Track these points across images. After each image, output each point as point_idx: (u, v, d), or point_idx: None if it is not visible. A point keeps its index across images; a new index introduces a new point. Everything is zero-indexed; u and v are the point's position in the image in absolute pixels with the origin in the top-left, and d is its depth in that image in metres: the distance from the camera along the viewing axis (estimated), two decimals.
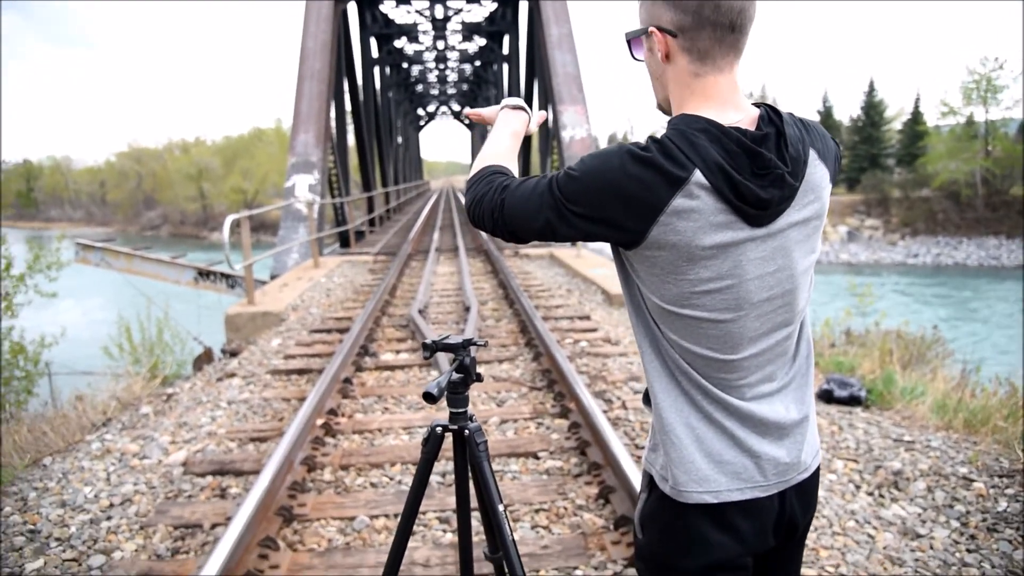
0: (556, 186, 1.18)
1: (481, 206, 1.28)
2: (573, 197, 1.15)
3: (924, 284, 31.81)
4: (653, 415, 1.27)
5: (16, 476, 4.15)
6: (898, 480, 3.62)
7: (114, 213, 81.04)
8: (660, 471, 1.26)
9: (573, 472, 3.77)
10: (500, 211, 1.24)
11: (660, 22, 1.19)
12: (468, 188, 1.33)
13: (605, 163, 1.13)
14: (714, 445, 1.22)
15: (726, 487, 1.22)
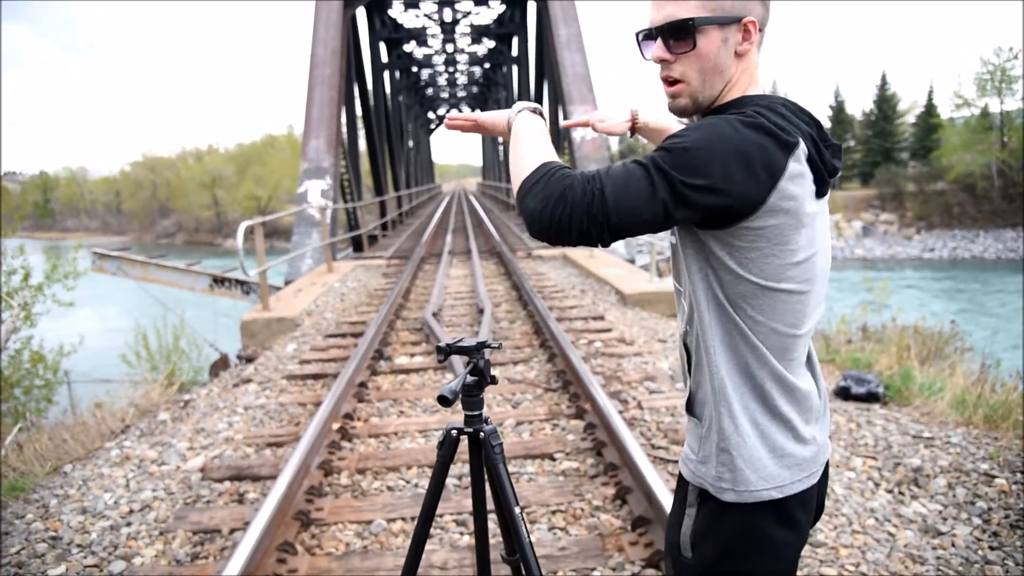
0: (663, 165, 1.10)
1: (565, 205, 1.11)
2: (692, 170, 1.08)
3: (941, 278, 31.53)
4: (708, 422, 1.26)
5: (37, 483, 4.19)
6: (918, 477, 3.59)
7: (129, 222, 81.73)
8: (715, 481, 1.24)
9: (589, 473, 3.76)
10: (602, 204, 1.10)
11: (753, 14, 1.21)
12: (527, 191, 1.14)
13: (716, 130, 1.11)
14: (777, 439, 1.24)
15: (789, 480, 1.23)
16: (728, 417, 1.23)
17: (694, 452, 1.29)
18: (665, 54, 1.22)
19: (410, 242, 18.06)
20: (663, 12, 1.21)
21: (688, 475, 1.30)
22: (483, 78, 44.63)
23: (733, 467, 1.22)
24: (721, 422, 1.23)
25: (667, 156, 1.10)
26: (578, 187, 1.10)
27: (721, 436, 1.23)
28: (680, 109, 1.27)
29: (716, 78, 1.22)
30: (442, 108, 62.86)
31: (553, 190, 1.11)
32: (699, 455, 1.27)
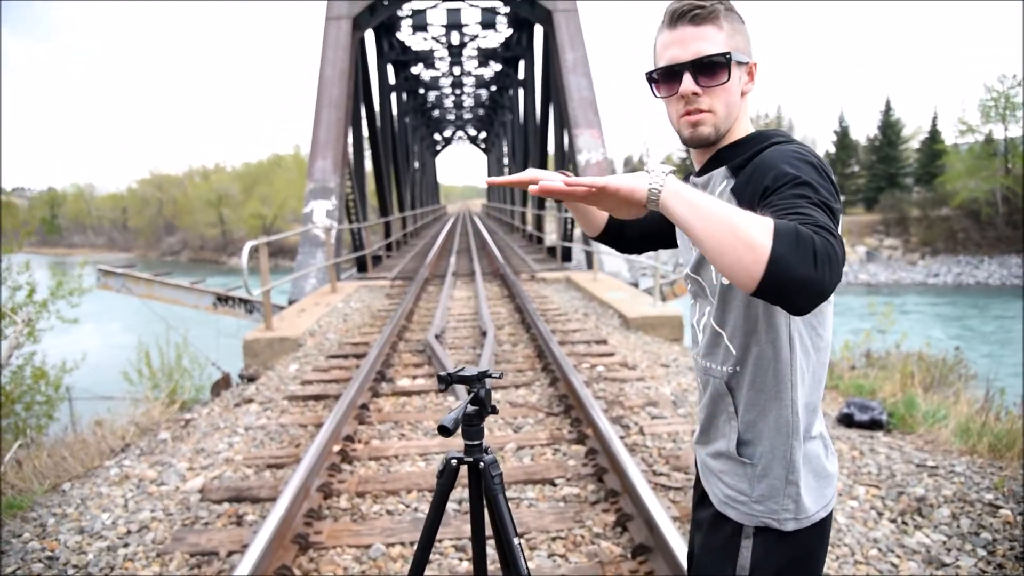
0: (826, 199, 1.10)
1: (831, 261, 1.00)
2: (833, 197, 1.14)
3: (945, 304, 31.44)
4: (766, 460, 1.29)
5: (36, 501, 4.18)
6: (921, 507, 3.56)
7: (135, 239, 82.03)
8: (777, 515, 1.29)
9: (590, 499, 3.74)
10: (841, 252, 1.04)
11: (754, 59, 1.35)
12: (783, 259, 0.97)
13: (809, 160, 1.19)
14: (821, 459, 1.33)
15: (831, 497, 1.33)
16: (799, 449, 1.28)
17: (746, 494, 1.31)
18: (696, 87, 1.26)
19: (414, 263, 18.09)
20: (691, 49, 1.26)
21: (742, 517, 1.32)
22: (489, 101, 44.88)
23: (798, 498, 1.28)
24: (791, 455, 1.28)
25: (815, 190, 1.10)
26: (829, 238, 1.01)
27: (790, 469, 1.28)
28: (702, 138, 1.30)
29: (735, 111, 1.30)
30: (448, 130, 63.19)
31: (815, 249, 0.98)
32: (754, 495, 1.30)
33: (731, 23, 1.29)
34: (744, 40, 1.31)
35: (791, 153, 1.18)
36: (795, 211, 1.06)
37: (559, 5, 17.23)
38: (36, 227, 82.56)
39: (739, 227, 1.01)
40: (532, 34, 25.69)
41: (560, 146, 20.51)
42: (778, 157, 1.18)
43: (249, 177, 71.66)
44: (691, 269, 1.38)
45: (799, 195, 1.09)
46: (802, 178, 1.12)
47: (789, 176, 1.12)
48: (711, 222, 1.04)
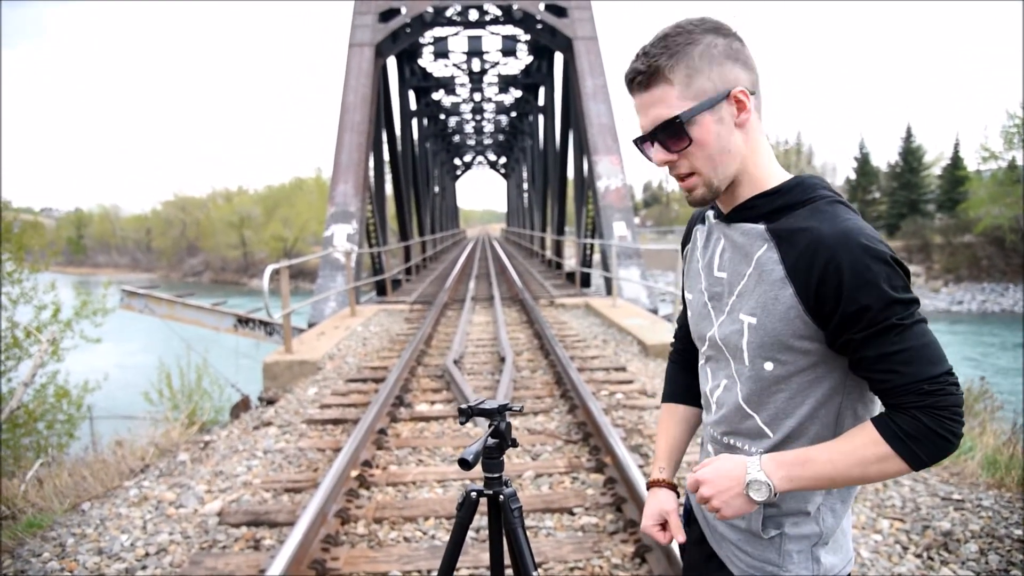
0: (918, 314, 1.09)
1: (951, 417, 1.06)
2: (906, 278, 1.10)
3: (970, 332, 31.01)
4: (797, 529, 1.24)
5: (55, 521, 4.21)
6: (948, 542, 3.48)
7: (158, 259, 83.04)
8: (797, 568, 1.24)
9: (609, 529, 3.70)
10: (957, 391, 1.08)
11: (740, 83, 1.16)
12: (923, 447, 1.06)
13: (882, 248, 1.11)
14: (843, 517, 1.27)
15: (850, 551, 1.30)
16: (827, 512, 1.24)
17: (775, 564, 1.24)
18: (668, 155, 1.18)
19: (433, 287, 18.15)
20: (649, 117, 1.17)
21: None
22: (509, 127, 45.22)
23: (822, 559, 1.25)
24: (822, 519, 1.24)
25: (900, 306, 1.07)
26: (956, 399, 1.06)
27: (825, 530, 1.24)
28: (699, 200, 1.21)
29: (726, 159, 1.17)
30: (468, 155, 63.63)
31: (936, 430, 1.05)
32: (784, 567, 1.24)
33: (685, 69, 1.13)
34: (708, 77, 1.14)
35: (859, 248, 1.07)
36: (895, 367, 1.07)
37: (579, 33, 17.40)
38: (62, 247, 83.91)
39: (869, 474, 1.10)
40: (552, 61, 25.93)
41: (580, 172, 20.59)
42: (846, 258, 1.07)
43: (271, 200, 72.46)
44: (718, 336, 1.27)
45: (890, 329, 1.07)
46: (882, 302, 1.06)
47: (869, 307, 1.06)
48: (842, 483, 1.12)
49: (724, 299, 1.24)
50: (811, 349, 1.14)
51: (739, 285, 1.20)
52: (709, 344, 1.29)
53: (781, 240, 1.14)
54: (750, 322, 1.17)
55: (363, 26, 17.20)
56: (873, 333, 1.07)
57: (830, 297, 1.08)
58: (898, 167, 55.11)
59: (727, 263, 1.23)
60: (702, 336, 1.31)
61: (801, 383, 1.17)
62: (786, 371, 1.16)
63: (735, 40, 1.17)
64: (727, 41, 1.15)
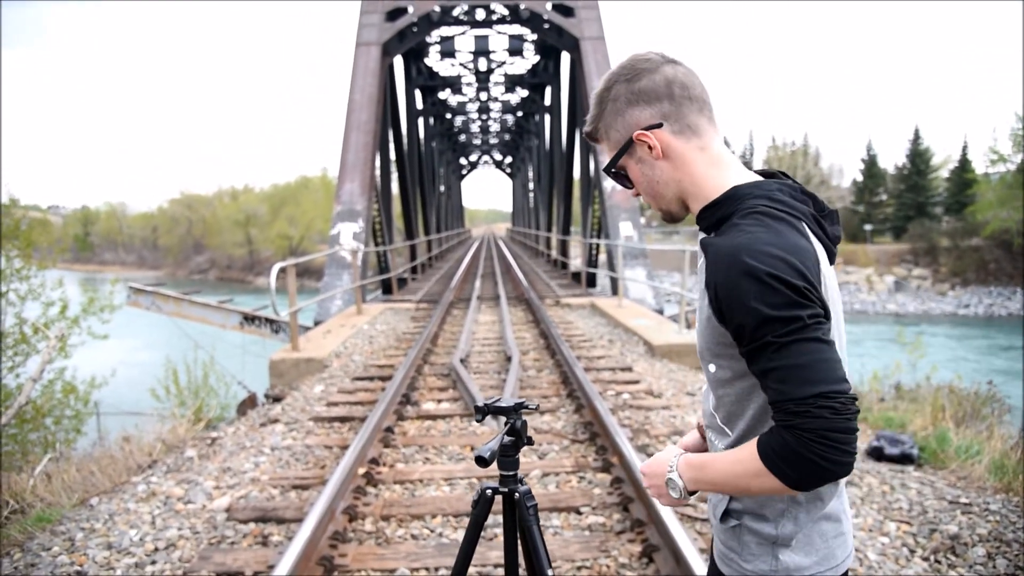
0: (778, 315, 1.07)
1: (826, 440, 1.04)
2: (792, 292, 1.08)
3: (977, 336, 30.91)
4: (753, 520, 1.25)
5: (64, 515, 4.23)
6: (955, 545, 3.48)
7: (164, 257, 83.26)
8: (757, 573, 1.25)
9: (616, 529, 3.71)
10: (844, 404, 1.05)
11: (640, 124, 1.25)
12: (800, 472, 1.06)
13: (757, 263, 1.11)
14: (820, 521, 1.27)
15: (839, 557, 1.27)
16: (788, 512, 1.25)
17: (736, 551, 1.28)
18: (626, 191, 1.42)
19: (439, 286, 18.17)
20: (603, 161, 1.37)
21: (733, 573, 1.29)
22: (515, 126, 45.20)
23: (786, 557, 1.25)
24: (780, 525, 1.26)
25: (770, 325, 1.07)
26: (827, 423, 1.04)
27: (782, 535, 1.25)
28: (665, 219, 1.34)
29: (659, 188, 1.28)
30: (474, 154, 63.65)
31: (810, 457, 1.05)
32: (743, 556, 1.27)
33: (604, 128, 1.29)
34: (616, 129, 1.28)
35: (739, 266, 1.09)
36: (770, 384, 1.08)
37: (587, 33, 17.38)
38: (70, 244, 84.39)
39: (753, 488, 1.12)
40: (559, 61, 25.91)
41: (586, 172, 20.58)
42: (725, 276, 1.10)
43: (277, 198, 72.62)
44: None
45: (765, 347, 1.08)
46: (755, 321, 1.07)
47: (744, 325, 1.09)
48: (734, 492, 1.19)
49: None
50: (739, 354, 1.16)
51: (697, 292, 1.26)
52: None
53: (705, 252, 1.18)
54: (697, 328, 1.26)
55: (370, 25, 17.22)
56: (752, 350, 1.09)
57: (724, 310, 1.12)
58: (905, 169, 54.97)
59: (698, 270, 1.29)
60: None
61: (743, 386, 1.20)
62: (726, 374, 1.21)
63: (641, 78, 1.25)
64: (629, 86, 1.25)
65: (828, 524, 1.24)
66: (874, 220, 54.39)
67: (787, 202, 1.18)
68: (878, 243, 50.37)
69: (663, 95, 1.24)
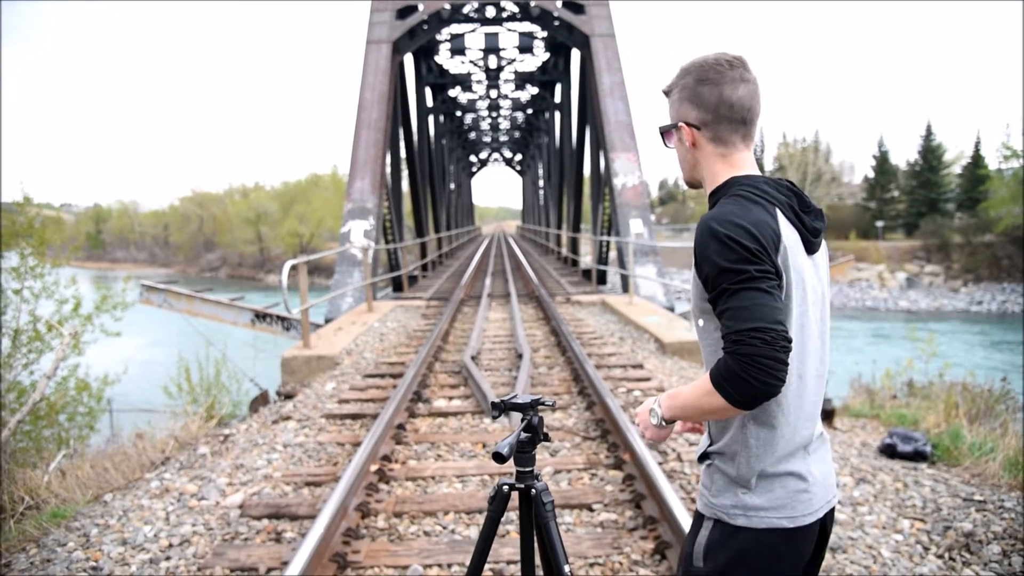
0: (731, 266, 1.34)
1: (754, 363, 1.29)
2: (742, 251, 1.36)
3: (990, 333, 30.68)
4: (723, 461, 1.51)
5: (79, 511, 4.26)
6: (970, 543, 3.46)
7: (176, 255, 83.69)
8: (722, 510, 1.49)
9: (628, 526, 3.71)
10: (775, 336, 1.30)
11: (687, 118, 1.54)
12: (740, 392, 1.31)
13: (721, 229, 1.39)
14: (784, 469, 1.52)
15: (798, 508, 1.48)
16: (756, 456, 1.49)
17: (707, 487, 1.56)
18: (666, 146, 1.63)
19: (450, 283, 18.19)
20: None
21: (703, 508, 1.56)
22: (525, 123, 45.13)
23: (748, 499, 1.50)
24: (738, 463, 1.51)
25: (726, 274, 1.35)
26: (745, 342, 1.30)
27: (740, 474, 1.51)
28: (688, 183, 1.63)
29: (684, 164, 1.60)
30: (484, 152, 63.62)
31: (744, 376, 1.30)
32: (712, 491, 1.54)
33: (677, 94, 1.55)
34: (675, 109, 1.56)
35: (705, 231, 1.38)
36: (724, 321, 1.34)
37: (597, 30, 17.34)
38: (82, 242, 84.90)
39: (705, 407, 1.38)
40: (569, 58, 25.86)
41: (596, 169, 20.54)
42: (699, 238, 1.39)
43: (287, 196, 72.79)
44: None
45: (721, 293, 1.35)
46: (715, 271, 1.35)
47: (708, 276, 1.37)
48: (699, 416, 1.43)
49: None
50: None
51: None
52: None
53: None
54: (690, 289, 1.54)
55: (380, 23, 17.22)
56: (713, 297, 1.38)
57: (698, 269, 1.41)
58: (917, 165, 54.55)
59: None
60: None
61: (717, 336, 1.42)
62: (709, 328, 1.47)
63: (704, 85, 1.50)
64: (694, 86, 1.51)
65: (792, 479, 1.47)
66: (886, 216, 54.04)
67: (766, 191, 1.46)
68: (890, 240, 50.04)
69: (710, 109, 1.50)
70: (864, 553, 3.38)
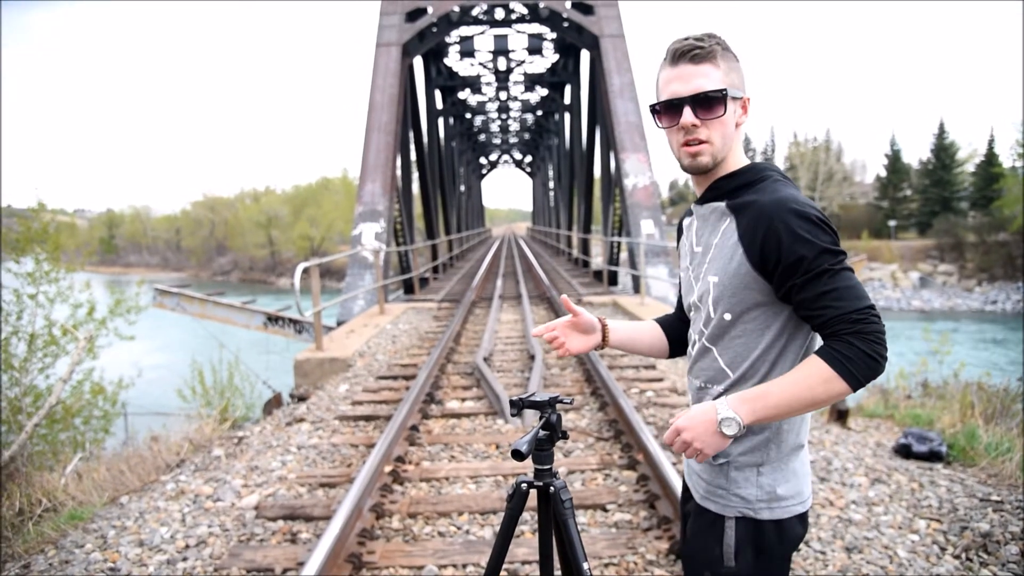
0: (833, 246, 1.34)
1: (877, 340, 1.31)
2: (835, 233, 1.38)
3: (1005, 332, 30.44)
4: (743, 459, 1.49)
5: (96, 513, 4.30)
6: (987, 543, 3.44)
7: (188, 259, 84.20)
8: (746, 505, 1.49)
9: (642, 526, 3.70)
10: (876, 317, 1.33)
11: (748, 94, 1.49)
12: (862, 371, 1.30)
13: (811, 209, 1.38)
14: (792, 461, 1.53)
15: (807, 494, 1.53)
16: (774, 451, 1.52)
17: (723, 488, 1.54)
18: (696, 120, 1.43)
19: (461, 285, 18.21)
20: (691, 84, 1.42)
21: (721, 509, 1.55)
22: (535, 125, 45.16)
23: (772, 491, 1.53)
24: (767, 451, 1.53)
25: (828, 254, 1.33)
26: (865, 319, 1.30)
27: (767, 460, 1.53)
28: (701, 167, 1.47)
29: (730, 142, 1.47)
30: (494, 154, 63.67)
31: (867, 353, 1.29)
32: (730, 489, 1.54)
33: (727, 62, 1.44)
34: (739, 77, 1.46)
35: (791, 212, 1.34)
36: (828, 303, 1.31)
37: (606, 31, 17.34)
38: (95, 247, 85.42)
39: (818, 397, 1.32)
40: (578, 59, 25.88)
41: (606, 170, 20.52)
42: (781, 219, 1.34)
43: (298, 199, 73.14)
44: (696, 298, 1.55)
45: (822, 273, 1.32)
46: (814, 252, 1.32)
47: (804, 257, 1.32)
48: (798, 411, 1.36)
49: (700, 268, 1.52)
50: (760, 301, 1.42)
51: (709, 253, 1.49)
52: (692, 308, 1.57)
53: (736, 212, 1.43)
54: (714, 281, 1.46)
55: (390, 26, 17.29)
56: (810, 277, 1.32)
57: (772, 252, 1.35)
58: (930, 164, 54.25)
59: (702, 238, 1.53)
60: (688, 305, 1.60)
61: (753, 329, 1.43)
62: (741, 320, 1.44)
63: (738, 59, 1.48)
64: (735, 58, 1.47)
65: (799, 465, 1.49)
66: (898, 216, 53.73)
67: (788, 176, 1.46)
68: (903, 239, 49.76)
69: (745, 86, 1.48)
70: (880, 553, 3.36)
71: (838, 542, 3.46)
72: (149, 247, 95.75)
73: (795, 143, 63.65)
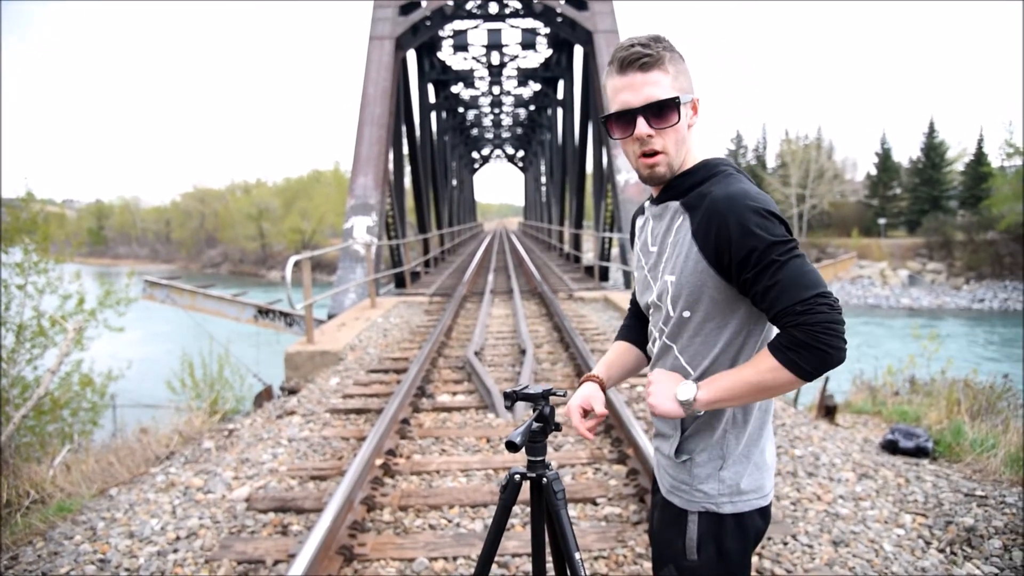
0: (782, 237, 1.33)
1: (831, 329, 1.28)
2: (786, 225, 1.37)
3: (992, 330, 30.67)
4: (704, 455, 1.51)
5: (84, 505, 4.29)
6: (971, 537, 3.48)
7: (178, 251, 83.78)
8: (708, 500, 1.51)
9: (632, 520, 3.73)
10: (815, 278, 1.31)
11: (696, 95, 1.47)
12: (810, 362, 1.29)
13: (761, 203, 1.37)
14: (757, 455, 1.55)
15: (768, 488, 1.54)
16: (734, 446, 1.54)
17: (687, 483, 1.56)
18: (650, 130, 1.42)
19: (452, 280, 18.21)
20: (641, 93, 1.40)
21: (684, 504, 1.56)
22: (528, 120, 45.16)
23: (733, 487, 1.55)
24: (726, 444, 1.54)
25: (777, 246, 1.32)
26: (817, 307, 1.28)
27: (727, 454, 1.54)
28: (659, 177, 1.47)
29: (683, 147, 1.46)
30: (486, 148, 63.63)
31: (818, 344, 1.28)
32: (693, 484, 1.55)
33: (675, 65, 1.42)
34: (687, 79, 1.44)
35: (740, 207, 1.33)
36: (776, 295, 1.30)
37: (600, 26, 17.35)
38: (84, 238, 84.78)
39: (767, 384, 1.33)
40: (572, 55, 25.87)
41: (598, 166, 20.55)
42: (732, 215, 1.33)
43: (289, 192, 72.84)
44: (654, 297, 1.53)
45: (770, 265, 1.31)
46: (763, 245, 1.31)
47: (754, 249, 1.32)
48: (748, 396, 1.37)
49: (657, 267, 1.52)
50: (717, 297, 1.41)
51: (665, 253, 1.49)
52: (651, 307, 1.55)
53: (689, 210, 1.43)
54: (671, 280, 1.46)
55: (383, 19, 17.24)
56: (759, 270, 1.32)
57: (724, 247, 1.35)
58: (920, 163, 54.52)
59: (657, 238, 1.53)
60: (646, 304, 1.58)
61: (712, 327, 1.44)
62: (700, 317, 1.44)
63: (683, 59, 1.46)
64: (681, 58, 1.45)
65: (761, 458, 1.51)
66: (888, 214, 53.99)
67: (741, 169, 1.47)
68: (892, 237, 50.02)
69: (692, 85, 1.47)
70: (866, 547, 3.40)
71: (825, 536, 3.50)
72: (139, 238, 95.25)
73: (787, 140, 63.76)
